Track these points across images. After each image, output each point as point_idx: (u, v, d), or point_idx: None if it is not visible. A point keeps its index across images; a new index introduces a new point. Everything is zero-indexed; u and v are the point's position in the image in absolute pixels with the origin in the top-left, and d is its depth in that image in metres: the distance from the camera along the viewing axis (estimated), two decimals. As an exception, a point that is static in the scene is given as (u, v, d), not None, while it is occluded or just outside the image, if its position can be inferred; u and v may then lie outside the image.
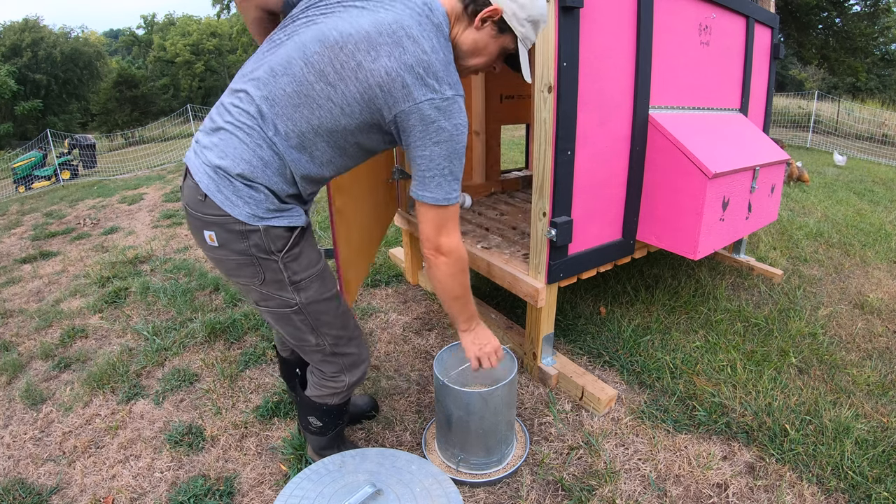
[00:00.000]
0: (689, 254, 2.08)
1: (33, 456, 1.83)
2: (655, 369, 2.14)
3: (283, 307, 1.27)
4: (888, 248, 3.68)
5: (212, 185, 1.13)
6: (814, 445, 1.73)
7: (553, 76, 1.70)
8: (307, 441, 1.65)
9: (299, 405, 1.57)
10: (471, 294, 1.38)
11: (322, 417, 1.51)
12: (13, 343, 2.67)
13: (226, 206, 1.12)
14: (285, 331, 1.33)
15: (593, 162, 1.95)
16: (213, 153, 1.13)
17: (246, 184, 1.13)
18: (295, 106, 1.10)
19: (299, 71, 1.09)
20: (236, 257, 1.19)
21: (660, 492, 1.59)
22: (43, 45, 26.31)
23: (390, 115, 1.10)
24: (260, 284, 1.23)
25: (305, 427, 1.57)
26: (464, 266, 1.28)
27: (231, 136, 1.12)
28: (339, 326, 1.36)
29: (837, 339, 2.41)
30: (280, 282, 1.23)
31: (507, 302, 2.77)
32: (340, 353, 1.39)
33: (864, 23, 14.26)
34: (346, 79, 1.08)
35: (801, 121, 13.10)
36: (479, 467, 1.65)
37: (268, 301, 1.26)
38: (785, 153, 2.58)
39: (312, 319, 1.30)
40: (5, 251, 4.49)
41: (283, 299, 1.25)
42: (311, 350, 1.37)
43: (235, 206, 1.13)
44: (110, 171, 11.31)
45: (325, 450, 1.60)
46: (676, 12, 2.12)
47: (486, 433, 1.59)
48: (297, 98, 1.10)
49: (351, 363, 1.42)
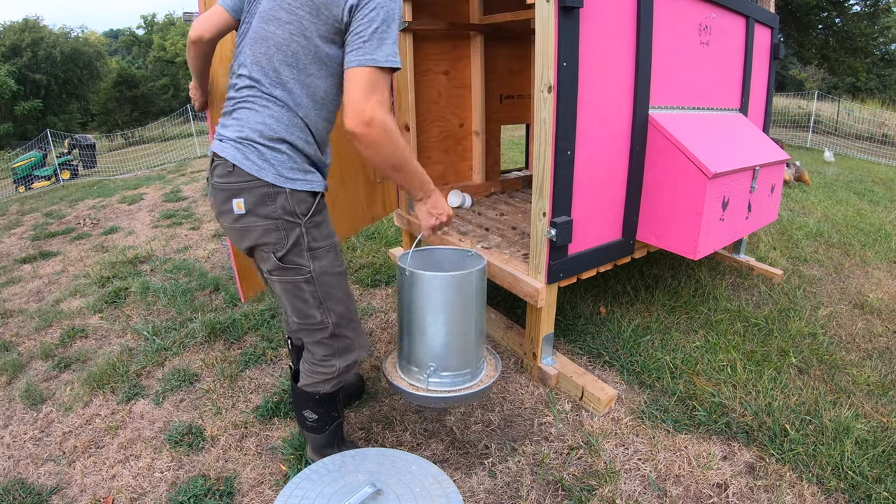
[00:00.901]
0: (689, 254, 2.08)
1: (33, 456, 1.84)
2: (655, 369, 2.14)
3: (297, 276, 1.33)
4: (888, 248, 3.68)
5: (238, 154, 1.25)
6: (814, 445, 1.73)
7: (553, 76, 1.70)
8: (307, 441, 1.65)
9: (295, 400, 1.58)
10: (413, 160, 1.33)
11: (316, 409, 1.52)
12: (13, 343, 2.67)
13: (254, 171, 1.24)
14: (293, 306, 1.38)
15: (593, 162, 1.95)
16: (233, 130, 1.28)
17: (269, 146, 1.25)
18: (271, 56, 1.25)
19: (263, 31, 1.25)
20: (263, 222, 1.27)
21: (660, 492, 1.59)
22: (43, 45, 26.29)
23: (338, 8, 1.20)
24: (282, 251, 1.29)
25: (303, 424, 1.58)
26: (396, 135, 1.22)
27: (243, 111, 1.28)
28: (344, 305, 1.41)
29: (837, 339, 2.41)
30: (299, 247, 1.30)
31: (507, 302, 2.77)
32: (339, 335, 1.42)
33: (864, 23, 14.25)
34: (295, 10, 1.22)
35: (801, 121, 13.10)
36: (451, 382, 1.51)
37: (284, 271, 1.32)
38: (785, 153, 2.58)
39: (321, 292, 1.36)
40: (5, 251, 4.49)
41: (298, 267, 1.32)
42: (314, 328, 1.40)
43: (263, 169, 1.24)
44: (110, 171, 11.32)
45: (324, 448, 1.60)
46: (676, 12, 2.12)
47: (459, 332, 1.47)
48: (273, 49, 1.25)
49: (344, 347, 1.45)
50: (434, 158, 3.10)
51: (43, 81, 25.66)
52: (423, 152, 3.00)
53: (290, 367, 1.84)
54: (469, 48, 3.01)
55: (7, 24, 26.97)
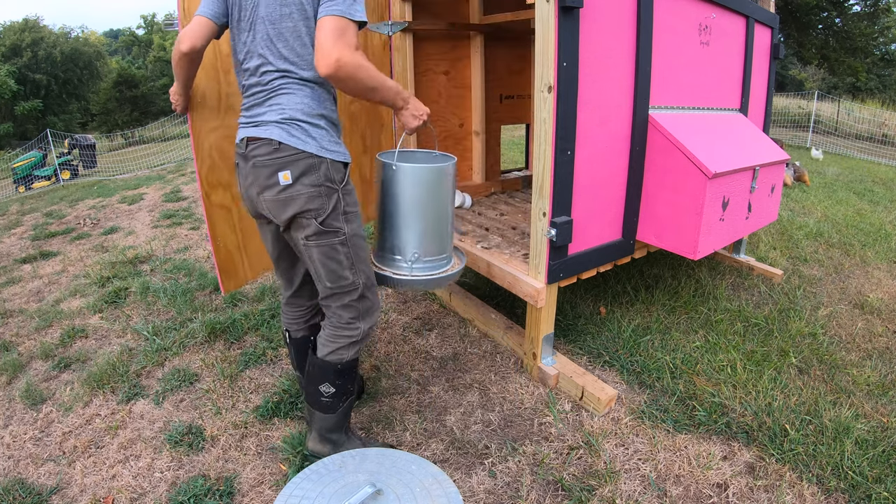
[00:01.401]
0: (689, 254, 2.08)
1: (33, 456, 1.84)
2: (655, 369, 2.14)
3: (335, 237, 1.48)
4: (888, 248, 3.68)
5: (283, 133, 1.40)
6: (814, 445, 1.73)
7: (553, 76, 1.70)
8: (312, 427, 1.67)
9: (310, 377, 1.62)
10: (385, 78, 1.45)
11: (336, 380, 1.59)
12: (13, 343, 2.67)
13: (299, 145, 1.40)
14: (327, 269, 1.50)
15: (593, 162, 1.95)
16: (275, 114, 1.42)
17: (311, 123, 1.42)
18: (291, 46, 1.39)
19: (274, 30, 1.39)
20: (308, 190, 1.42)
21: (660, 492, 1.59)
22: (43, 45, 26.29)
23: None
24: (323, 215, 1.45)
25: (316, 402, 1.62)
26: (364, 66, 1.34)
27: (282, 96, 1.42)
28: (369, 267, 1.58)
29: (837, 339, 2.42)
30: (337, 211, 1.47)
31: (507, 302, 2.77)
32: (365, 297, 1.57)
33: (864, 23, 14.25)
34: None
35: (801, 121, 13.10)
36: (431, 267, 1.69)
37: (323, 234, 1.46)
38: (785, 153, 2.59)
39: (353, 253, 1.52)
40: (5, 251, 4.49)
41: (336, 230, 1.47)
42: (345, 290, 1.54)
43: (307, 143, 1.41)
44: (110, 171, 11.32)
45: (332, 432, 1.64)
46: (676, 12, 2.12)
47: (440, 219, 1.66)
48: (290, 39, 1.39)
49: (367, 309, 1.59)
50: (434, 158, 3.10)
51: (43, 81, 25.65)
52: (423, 152, 3.00)
53: (292, 362, 1.90)
54: (469, 48, 3.01)
55: (7, 24, 26.98)
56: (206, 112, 1.76)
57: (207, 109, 1.76)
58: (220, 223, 1.89)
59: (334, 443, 1.65)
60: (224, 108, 1.81)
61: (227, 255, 1.92)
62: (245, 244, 1.99)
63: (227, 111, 1.82)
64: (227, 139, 1.83)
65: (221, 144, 1.83)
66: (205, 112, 1.76)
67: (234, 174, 1.75)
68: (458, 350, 2.37)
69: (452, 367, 2.24)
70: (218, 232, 1.89)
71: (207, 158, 1.81)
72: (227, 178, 1.87)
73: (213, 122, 1.80)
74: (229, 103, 1.82)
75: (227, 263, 1.93)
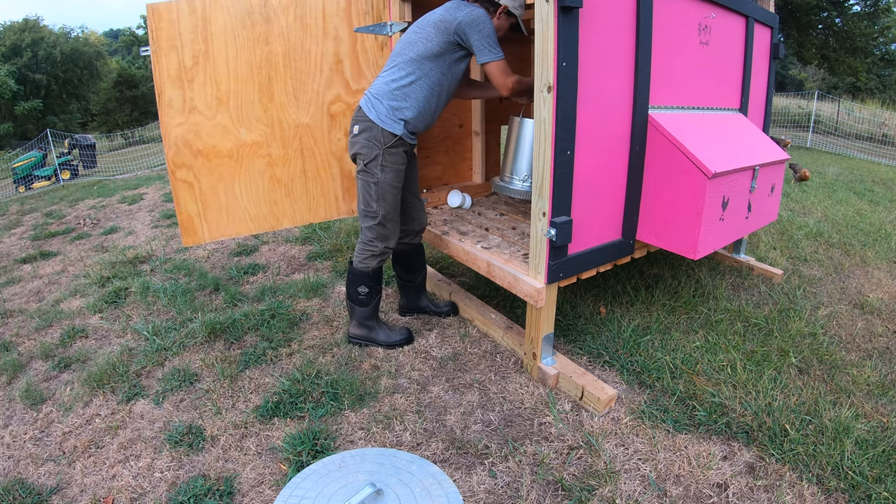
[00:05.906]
0: (689, 253, 2.08)
1: (33, 456, 1.84)
2: (655, 369, 2.14)
3: (370, 178, 2.12)
4: (888, 248, 3.68)
5: (367, 103, 2.11)
6: (814, 445, 1.73)
7: (553, 76, 1.71)
8: (353, 317, 2.34)
9: (350, 281, 2.28)
10: (529, 82, 2.11)
11: (368, 283, 2.27)
12: (13, 343, 2.67)
13: (368, 113, 2.08)
14: (363, 196, 2.16)
15: (593, 162, 1.95)
16: (369, 90, 2.15)
17: (380, 101, 2.08)
18: (413, 58, 2.08)
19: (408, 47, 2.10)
20: (364, 140, 2.09)
21: (660, 492, 1.59)
22: (43, 45, 26.27)
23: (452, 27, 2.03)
24: (366, 161, 2.10)
25: (355, 299, 2.29)
26: (521, 83, 2.10)
27: (410, 88, 2.08)
28: (391, 207, 2.16)
29: (837, 339, 2.42)
30: (376, 162, 2.09)
31: (507, 302, 2.77)
32: (382, 224, 2.17)
33: (864, 23, 14.24)
34: (424, 27, 2.09)
35: (801, 121, 13.11)
36: (530, 186, 2.40)
37: (364, 173, 2.12)
38: (784, 153, 2.58)
39: (378, 194, 2.12)
40: (5, 251, 4.49)
41: (373, 173, 2.11)
42: (369, 215, 2.16)
43: (370, 112, 2.08)
44: (110, 171, 11.33)
45: (367, 320, 2.33)
46: (676, 12, 2.12)
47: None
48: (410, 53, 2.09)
49: (384, 235, 2.20)
50: (434, 158, 3.10)
51: (43, 81, 25.65)
52: (423, 152, 3.00)
53: (349, 263, 2.34)
54: (469, 48, 3.00)
55: (7, 24, 26.97)
56: (173, 112, 2.22)
57: (174, 110, 2.22)
58: (182, 194, 2.32)
59: (368, 328, 2.35)
60: (188, 110, 2.23)
61: (189, 219, 2.36)
62: (204, 212, 2.39)
63: (191, 111, 2.24)
64: (190, 132, 2.26)
65: (186, 136, 2.26)
66: (172, 112, 2.22)
67: (196, 158, 2.28)
68: (458, 350, 2.37)
69: (452, 367, 2.24)
70: (181, 200, 2.33)
71: (174, 146, 2.25)
72: (188, 161, 2.29)
73: (179, 119, 2.23)
74: (192, 105, 2.23)
75: (187, 224, 2.36)
